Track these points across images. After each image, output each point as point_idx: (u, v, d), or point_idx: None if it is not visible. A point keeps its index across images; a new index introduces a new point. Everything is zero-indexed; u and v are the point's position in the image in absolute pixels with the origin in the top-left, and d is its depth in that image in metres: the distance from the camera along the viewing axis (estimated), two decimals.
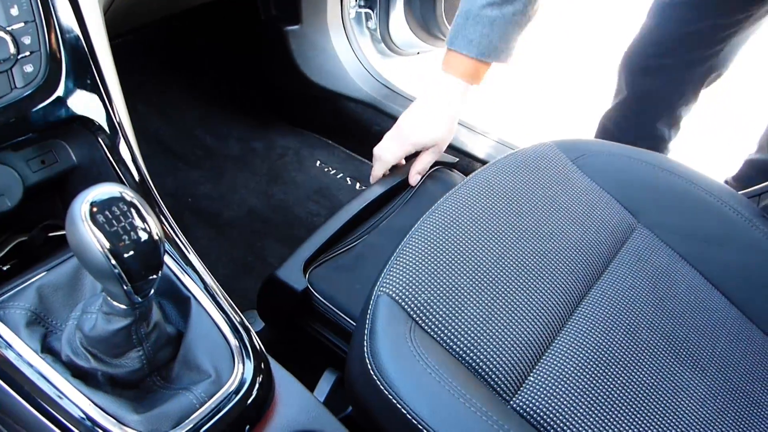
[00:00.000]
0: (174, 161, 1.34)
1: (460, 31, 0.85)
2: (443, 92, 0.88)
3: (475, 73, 0.87)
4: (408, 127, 0.89)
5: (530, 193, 0.78)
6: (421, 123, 0.89)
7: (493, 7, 0.82)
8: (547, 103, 1.42)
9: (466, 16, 0.83)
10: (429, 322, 0.63)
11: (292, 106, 1.47)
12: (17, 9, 0.51)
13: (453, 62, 0.87)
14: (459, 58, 0.86)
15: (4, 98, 0.52)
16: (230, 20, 1.45)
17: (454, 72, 0.87)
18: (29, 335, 0.51)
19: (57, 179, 0.62)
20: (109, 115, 0.58)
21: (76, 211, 0.41)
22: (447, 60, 0.88)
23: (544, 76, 2.02)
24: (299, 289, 0.78)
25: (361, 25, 1.46)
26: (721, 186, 0.83)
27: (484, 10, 0.82)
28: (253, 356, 0.55)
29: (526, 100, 1.92)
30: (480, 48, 0.84)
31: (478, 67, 0.86)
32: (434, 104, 0.88)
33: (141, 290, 0.45)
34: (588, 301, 0.72)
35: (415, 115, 0.89)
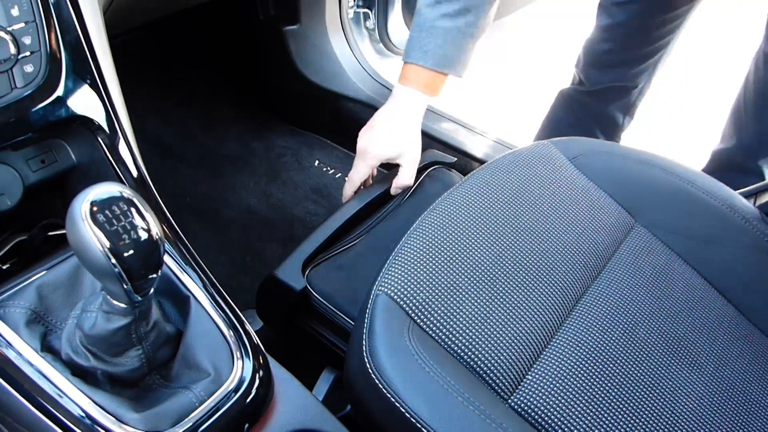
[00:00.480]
0: (173, 161, 1.35)
1: (415, 43, 0.86)
2: (403, 105, 0.89)
3: (433, 84, 0.88)
4: (369, 144, 0.89)
5: (528, 192, 0.78)
6: (381, 138, 0.89)
7: (446, 19, 0.83)
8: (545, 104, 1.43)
9: (420, 28, 0.85)
10: (427, 321, 0.64)
11: (290, 105, 1.48)
12: (18, 9, 0.51)
13: (410, 75, 0.87)
14: (416, 70, 0.87)
15: (4, 98, 0.52)
16: (229, 20, 1.45)
17: (412, 84, 0.87)
18: (29, 334, 0.51)
19: (56, 178, 0.63)
20: (108, 114, 0.58)
21: (76, 211, 0.41)
22: (404, 73, 0.89)
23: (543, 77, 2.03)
24: (298, 288, 0.78)
25: (360, 25, 1.46)
26: (718, 185, 0.84)
27: (437, 22, 0.83)
28: (252, 355, 0.55)
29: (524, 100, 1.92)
30: (435, 59, 0.85)
31: (435, 78, 0.87)
32: (394, 118, 0.89)
33: (141, 289, 0.45)
34: (586, 299, 0.72)
35: (376, 130, 0.89)
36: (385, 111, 0.89)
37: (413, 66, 0.86)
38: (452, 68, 0.87)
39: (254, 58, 1.48)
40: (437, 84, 0.88)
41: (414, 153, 0.90)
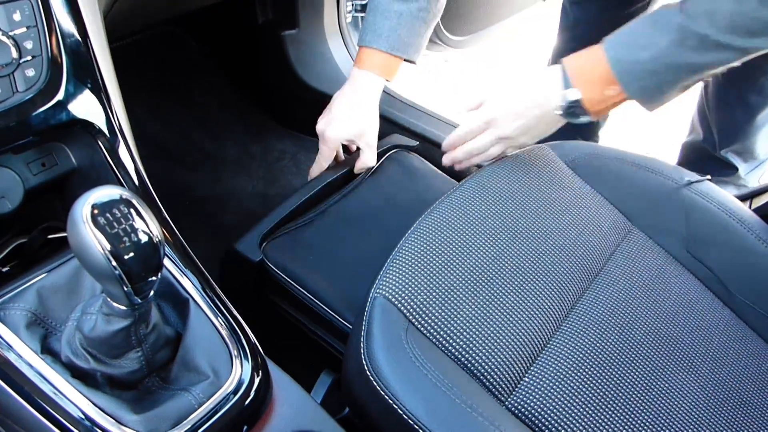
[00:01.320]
0: (172, 164, 1.35)
1: (369, 26, 0.88)
2: (359, 88, 0.91)
3: (388, 67, 0.90)
4: (327, 127, 0.92)
5: (525, 195, 0.78)
6: (338, 120, 0.91)
7: (399, 2, 0.85)
8: None
9: (375, 11, 0.87)
10: (425, 324, 0.64)
11: (289, 109, 1.48)
12: (19, 14, 0.52)
13: (366, 58, 0.89)
14: (371, 53, 0.89)
15: (5, 102, 0.52)
16: (227, 24, 1.45)
17: (368, 67, 0.90)
18: (29, 336, 0.51)
19: (57, 182, 0.63)
20: (109, 118, 0.59)
21: (77, 214, 0.41)
22: (360, 57, 0.91)
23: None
24: (255, 260, 0.81)
25: (358, 29, 1.46)
26: (714, 188, 0.84)
27: (391, 5, 0.85)
28: (251, 357, 0.55)
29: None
30: (390, 42, 0.87)
31: (389, 61, 0.89)
32: (350, 101, 0.91)
33: (141, 291, 0.45)
34: (583, 302, 0.73)
35: (333, 113, 0.92)
36: (342, 94, 0.92)
37: (368, 49, 0.89)
38: (405, 52, 0.89)
39: (253, 62, 1.48)
40: (392, 67, 0.90)
41: (371, 134, 0.93)
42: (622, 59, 0.66)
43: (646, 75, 0.65)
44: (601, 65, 0.67)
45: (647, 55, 0.63)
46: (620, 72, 0.66)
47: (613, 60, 0.66)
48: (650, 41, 0.63)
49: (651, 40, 0.63)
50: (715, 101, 1.12)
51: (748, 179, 1.15)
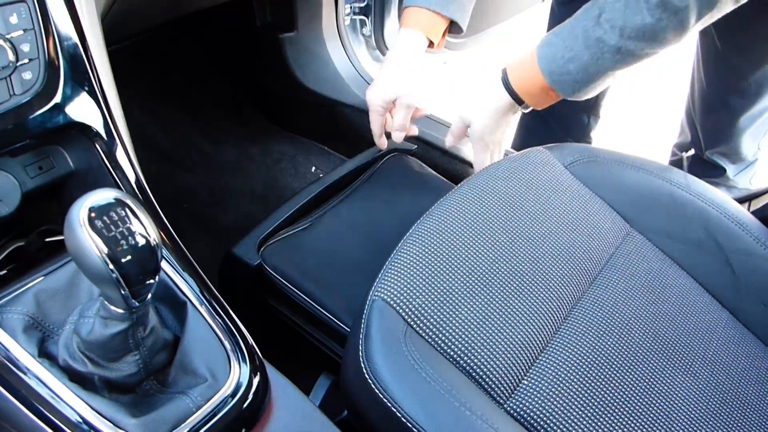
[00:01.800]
0: (170, 167, 1.35)
1: None
2: (401, 47, 0.91)
3: (430, 25, 0.89)
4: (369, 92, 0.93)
5: (524, 198, 0.78)
6: (379, 83, 0.92)
7: None
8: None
9: None
10: (423, 326, 0.64)
11: (287, 112, 1.48)
12: (16, 17, 0.52)
13: (410, 17, 0.89)
14: (413, 11, 0.89)
15: (3, 105, 0.52)
16: (226, 27, 1.45)
17: (410, 25, 0.90)
18: (26, 340, 0.51)
19: (54, 185, 0.63)
20: (106, 121, 0.58)
21: (74, 217, 0.41)
22: (404, 18, 0.91)
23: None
24: (253, 264, 0.82)
25: (356, 32, 1.46)
26: (712, 191, 0.84)
27: None
28: (249, 360, 0.55)
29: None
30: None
31: (432, 19, 0.89)
32: (391, 61, 0.91)
33: (138, 295, 0.45)
34: (582, 304, 0.73)
35: (377, 78, 0.93)
36: (386, 57, 0.93)
37: (410, 8, 0.89)
38: (446, 9, 0.88)
39: (251, 64, 1.48)
40: (435, 26, 0.90)
41: (412, 95, 0.92)
42: (554, 72, 0.76)
43: (575, 82, 0.76)
44: (539, 79, 0.78)
45: (574, 67, 0.75)
46: (554, 82, 0.77)
47: (546, 73, 0.77)
48: (575, 55, 0.74)
49: (575, 54, 0.74)
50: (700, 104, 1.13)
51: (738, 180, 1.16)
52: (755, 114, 1.07)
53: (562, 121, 1.32)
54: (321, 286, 0.81)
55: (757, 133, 1.10)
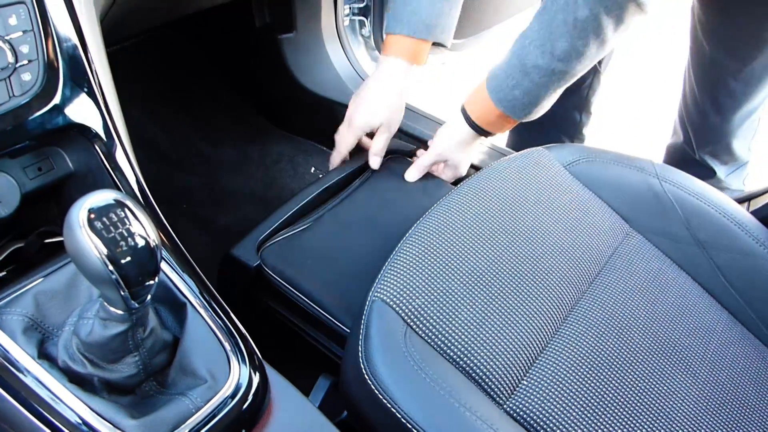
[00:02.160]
0: (169, 168, 1.35)
1: (393, 13, 0.88)
2: (385, 74, 0.91)
3: (414, 52, 0.90)
4: (355, 113, 0.93)
5: (523, 198, 0.78)
6: (366, 107, 0.92)
7: None
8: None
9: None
10: (423, 327, 0.64)
11: (286, 112, 1.48)
12: (15, 18, 0.51)
13: (390, 45, 0.90)
14: (395, 39, 0.89)
15: (2, 106, 0.52)
16: (225, 28, 1.45)
17: (394, 53, 0.90)
18: (26, 341, 0.51)
19: (53, 186, 0.63)
20: (105, 122, 0.58)
21: (74, 218, 0.41)
22: (386, 45, 0.91)
23: None
24: (252, 265, 0.81)
25: (356, 32, 1.46)
26: (711, 191, 0.84)
27: None
28: (248, 361, 0.55)
29: None
30: (411, 26, 0.87)
31: (415, 45, 0.89)
32: (377, 87, 0.92)
33: (138, 296, 0.45)
34: (582, 304, 0.73)
35: (361, 99, 0.93)
36: (371, 81, 0.93)
37: (393, 36, 0.89)
38: (429, 34, 0.89)
39: (250, 65, 1.48)
40: (419, 52, 0.90)
41: (395, 124, 0.95)
42: (503, 99, 0.83)
43: (524, 105, 0.83)
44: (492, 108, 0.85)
45: (519, 93, 0.81)
46: (505, 108, 0.84)
47: (496, 102, 0.84)
48: (517, 82, 0.81)
49: (517, 81, 0.81)
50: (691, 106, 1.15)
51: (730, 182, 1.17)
52: (745, 115, 1.07)
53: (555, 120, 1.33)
54: (320, 287, 0.81)
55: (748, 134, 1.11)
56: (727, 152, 1.13)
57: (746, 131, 1.10)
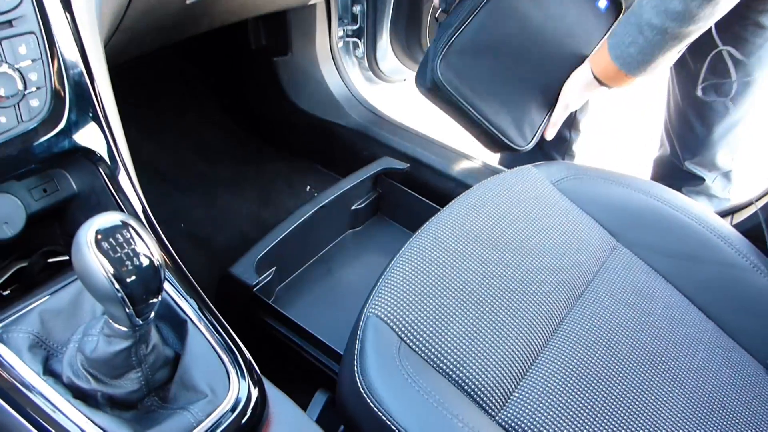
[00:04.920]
0: (167, 187, 1.37)
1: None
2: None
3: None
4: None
5: (513, 215, 0.81)
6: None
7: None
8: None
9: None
10: (416, 341, 0.66)
11: (282, 132, 1.51)
12: (25, 48, 0.54)
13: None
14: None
15: (11, 131, 0.54)
16: (221, 50, 1.48)
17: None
18: (31, 358, 0.53)
19: (57, 207, 0.65)
20: (109, 146, 0.61)
21: (82, 239, 0.43)
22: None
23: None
24: (250, 283, 0.85)
25: (349, 53, 1.50)
26: (695, 205, 0.87)
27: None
28: (248, 376, 0.57)
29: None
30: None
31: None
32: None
33: (142, 313, 0.47)
34: (571, 317, 0.75)
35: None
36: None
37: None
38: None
39: (246, 86, 1.51)
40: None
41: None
42: (620, 56, 0.88)
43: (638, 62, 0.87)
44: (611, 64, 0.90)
45: (634, 50, 0.86)
46: (622, 65, 0.89)
47: (614, 58, 0.89)
48: (633, 39, 0.86)
49: (633, 39, 0.85)
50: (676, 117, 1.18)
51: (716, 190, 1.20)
52: (728, 126, 1.11)
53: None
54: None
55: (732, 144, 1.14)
56: (713, 162, 1.16)
57: (730, 141, 1.14)
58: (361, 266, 1.05)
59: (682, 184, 1.19)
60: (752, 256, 0.82)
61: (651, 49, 0.85)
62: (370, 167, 1.10)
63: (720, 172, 1.17)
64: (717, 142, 1.13)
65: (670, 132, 1.19)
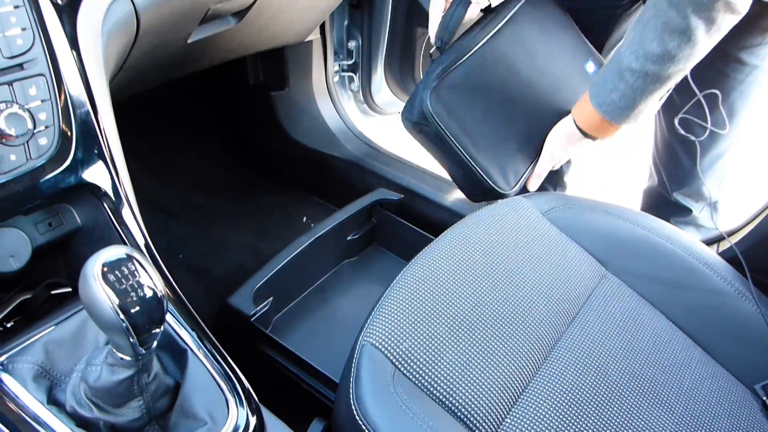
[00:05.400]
0: (165, 219, 1.39)
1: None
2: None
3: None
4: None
5: (504, 244, 0.83)
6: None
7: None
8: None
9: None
10: (410, 369, 0.68)
11: (279, 165, 1.54)
12: (35, 89, 0.57)
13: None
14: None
15: (20, 168, 0.56)
16: (220, 85, 1.52)
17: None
18: (36, 388, 0.54)
19: (61, 240, 0.67)
20: (114, 182, 0.63)
21: (89, 271, 0.45)
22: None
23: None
24: (248, 314, 0.86)
25: (345, 87, 1.54)
26: (681, 234, 0.89)
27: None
28: (246, 404, 0.58)
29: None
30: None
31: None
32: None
33: (145, 342, 0.49)
34: (561, 344, 0.77)
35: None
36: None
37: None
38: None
39: (245, 121, 1.55)
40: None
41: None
42: (602, 104, 0.89)
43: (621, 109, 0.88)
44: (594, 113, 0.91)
45: (616, 96, 0.87)
46: (605, 113, 0.89)
47: (596, 106, 0.90)
48: (614, 86, 0.86)
49: (615, 85, 0.86)
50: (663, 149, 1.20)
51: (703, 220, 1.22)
52: (714, 157, 1.13)
53: None
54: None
55: (719, 175, 1.17)
56: (700, 193, 1.19)
57: (717, 172, 1.16)
58: (357, 295, 1.07)
59: (671, 215, 1.20)
60: (737, 284, 0.84)
61: (632, 94, 0.85)
62: (365, 198, 1.13)
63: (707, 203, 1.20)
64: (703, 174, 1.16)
65: (658, 164, 1.22)
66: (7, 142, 0.55)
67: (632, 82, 0.84)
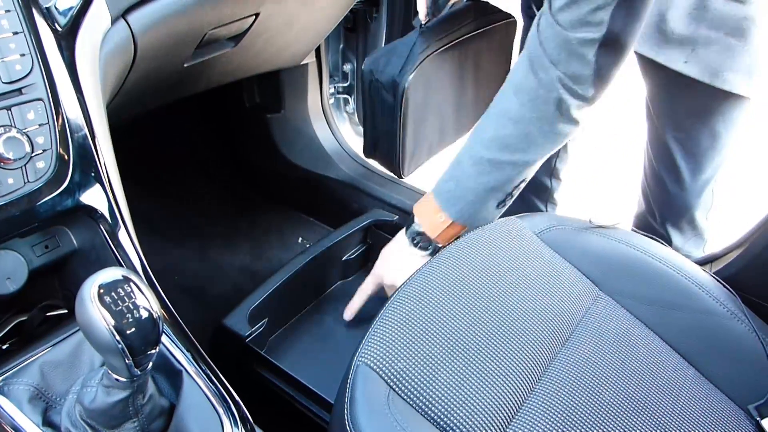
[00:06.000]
0: (161, 240, 1.39)
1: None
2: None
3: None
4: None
5: (498, 265, 0.84)
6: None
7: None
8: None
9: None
10: (405, 389, 0.68)
11: (274, 186, 1.55)
12: (33, 113, 0.58)
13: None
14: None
15: (17, 191, 0.57)
16: (216, 107, 1.54)
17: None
18: (31, 410, 0.55)
19: (57, 262, 0.67)
20: (110, 204, 0.64)
21: (86, 293, 0.46)
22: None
23: None
24: (243, 335, 0.86)
25: (340, 109, 1.56)
26: (673, 254, 0.90)
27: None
28: (241, 425, 0.58)
29: None
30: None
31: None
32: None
33: (140, 364, 0.49)
34: (555, 365, 0.77)
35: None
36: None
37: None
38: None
39: (241, 142, 1.56)
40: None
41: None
42: (439, 190, 0.86)
43: (457, 199, 0.84)
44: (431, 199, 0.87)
45: (453, 185, 0.84)
46: (440, 200, 0.85)
47: (434, 192, 0.86)
48: (452, 174, 0.85)
49: (452, 174, 0.85)
50: (650, 178, 1.22)
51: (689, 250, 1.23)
52: (700, 186, 1.15)
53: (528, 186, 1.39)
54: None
55: (706, 204, 1.18)
56: (688, 222, 1.20)
57: (704, 202, 1.18)
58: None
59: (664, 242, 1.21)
60: (729, 304, 0.84)
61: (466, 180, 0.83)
62: (361, 219, 1.13)
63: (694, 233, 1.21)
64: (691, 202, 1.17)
65: (647, 192, 1.24)
66: (5, 165, 0.56)
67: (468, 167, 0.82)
